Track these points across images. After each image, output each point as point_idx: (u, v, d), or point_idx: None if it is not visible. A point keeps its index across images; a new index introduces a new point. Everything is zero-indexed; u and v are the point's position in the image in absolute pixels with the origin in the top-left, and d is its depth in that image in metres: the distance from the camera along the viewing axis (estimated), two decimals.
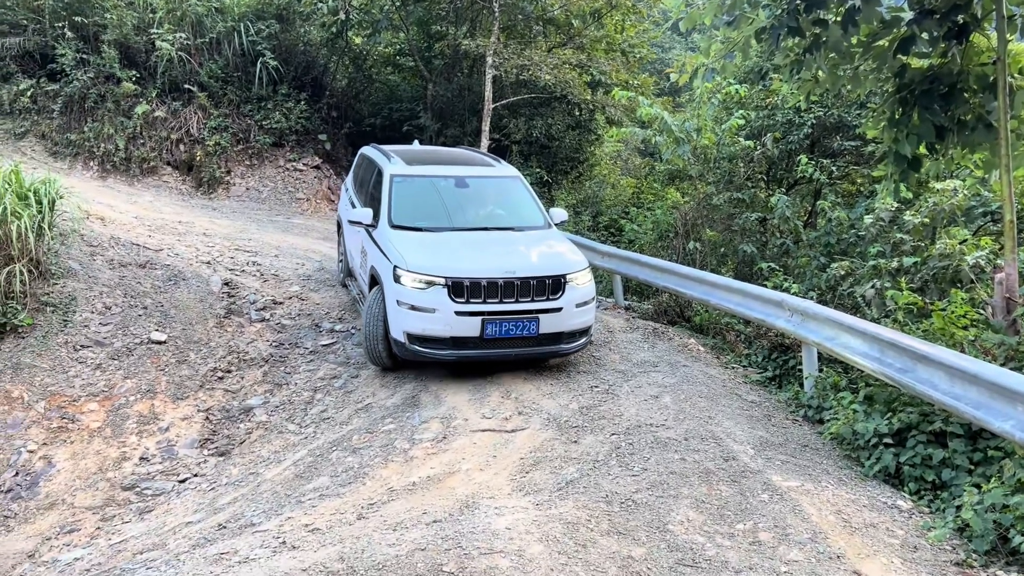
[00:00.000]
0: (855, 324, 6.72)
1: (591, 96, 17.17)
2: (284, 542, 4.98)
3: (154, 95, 16.39)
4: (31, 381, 8.19)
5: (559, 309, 7.72)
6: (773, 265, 9.77)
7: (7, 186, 8.93)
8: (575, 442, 6.34)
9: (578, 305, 7.85)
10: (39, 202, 9.16)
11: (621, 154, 22.33)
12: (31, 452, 7.53)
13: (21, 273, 8.70)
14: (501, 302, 7.59)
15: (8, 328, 8.60)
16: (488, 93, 16.04)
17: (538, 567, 4.22)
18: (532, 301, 7.65)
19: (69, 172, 15.16)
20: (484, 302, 7.56)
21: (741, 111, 12.22)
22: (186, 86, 16.53)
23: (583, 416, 6.88)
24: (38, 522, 6.76)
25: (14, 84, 16.22)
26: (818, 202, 11.40)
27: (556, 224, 9.03)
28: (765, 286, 8.73)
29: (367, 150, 10.80)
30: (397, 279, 7.75)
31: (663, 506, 4.97)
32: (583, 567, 4.25)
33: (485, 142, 15.96)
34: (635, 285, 12.12)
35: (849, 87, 8.48)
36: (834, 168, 12.10)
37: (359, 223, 8.89)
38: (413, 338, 7.69)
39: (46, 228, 9.22)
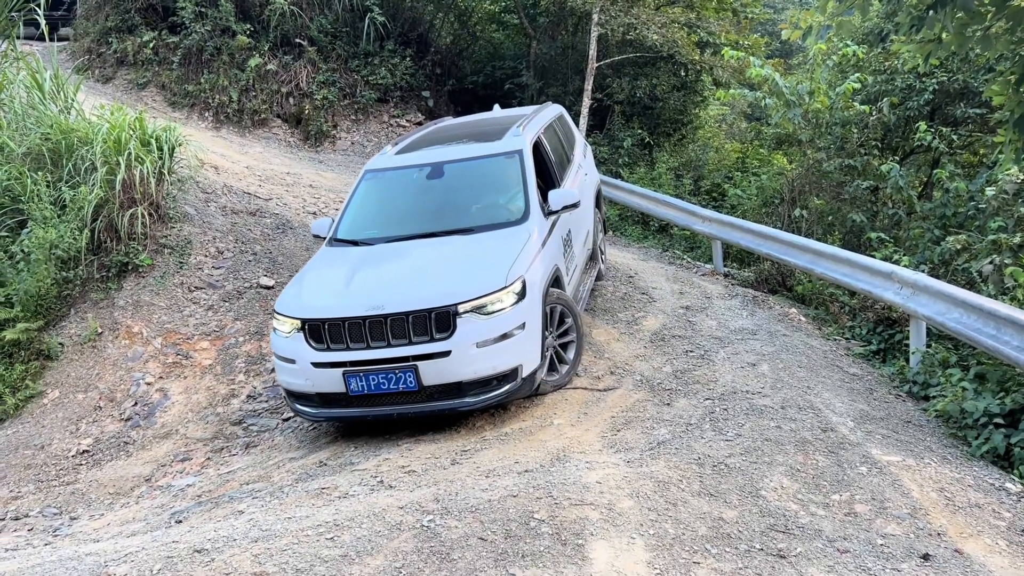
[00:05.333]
0: (970, 299, 6.42)
1: (699, 56, 16.72)
2: (381, 481, 5.18)
3: (266, 49, 16.86)
4: (149, 318, 8.68)
5: (446, 353, 5.80)
6: (883, 236, 9.39)
7: (131, 132, 9.39)
8: (667, 404, 6.32)
9: (482, 344, 5.85)
10: (160, 148, 9.61)
11: (726, 118, 21.74)
12: (148, 384, 8.02)
13: (143, 216, 9.17)
14: (368, 347, 5.89)
15: (130, 267, 9.12)
16: (592, 52, 15.81)
17: (628, 521, 4.26)
18: (409, 344, 5.84)
19: (186, 122, 15.81)
20: (347, 348, 5.95)
21: (857, 74, 11.67)
22: (297, 40, 16.92)
23: (677, 380, 6.84)
24: (154, 449, 7.21)
25: (138, 36, 16.99)
26: (935, 172, 10.85)
27: (557, 210, 7.10)
28: (873, 257, 8.42)
29: None
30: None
31: (756, 472, 4.92)
32: (673, 524, 4.27)
33: (587, 101, 15.79)
34: (736, 252, 11.87)
35: (978, 49, 7.97)
36: (955, 137, 11.46)
37: (318, 236, 7.59)
38: (290, 395, 6.41)
39: (166, 174, 9.68)
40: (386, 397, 5.97)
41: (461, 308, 5.84)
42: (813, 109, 11.53)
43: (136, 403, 7.82)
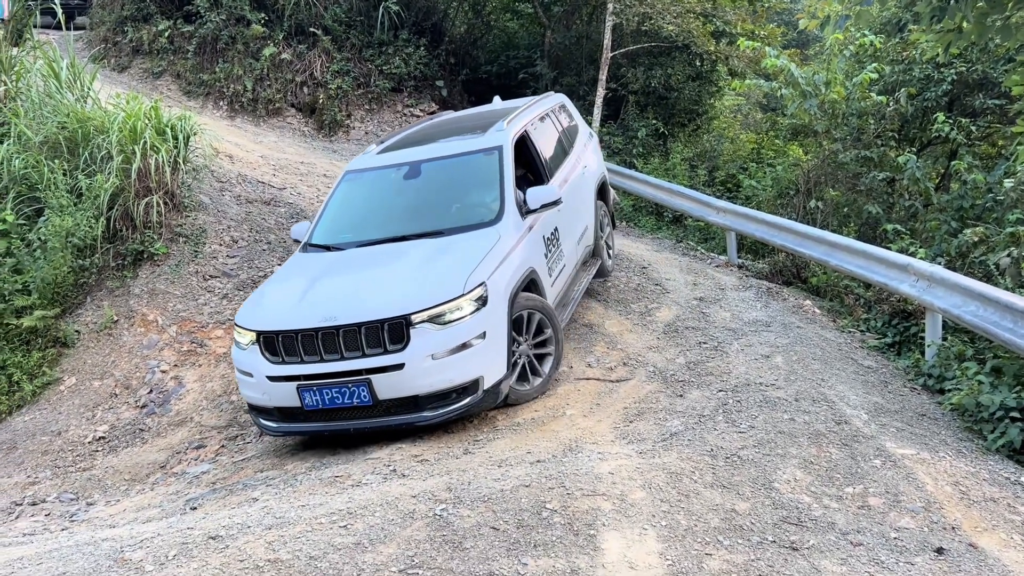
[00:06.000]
0: (988, 292, 6.37)
1: (714, 46, 16.62)
2: (394, 470, 5.20)
3: (281, 38, 16.86)
4: (164, 306, 8.74)
5: (400, 366, 5.55)
6: (899, 228, 9.32)
7: (147, 121, 9.43)
8: (680, 396, 6.31)
9: (438, 355, 5.59)
10: (175, 137, 9.65)
11: (741, 108, 21.61)
12: (164, 372, 8.07)
13: (158, 204, 9.22)
14: (322, 360, 5.69)
15: (145, 256, 9.18)
16: (607, 41, 15.75)
17: (640, 512, 4.26)
18: (363, 357, 5.62)
19: (201, 111, 15.85)
20: (302, 361, 5.76)
21: (874, 64, 11.57)
22: (311, 29, 16.92)
23: (690, 371, 6.83)
24: (169, 436, 7.27)
25: (153, 25, 17.04)
26: (953, 163, 10.75)
27: (535, 209, 6.76)
28: (889, 249, 8.36)
29: None
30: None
31: (769, 464, 4.91)
32: (685, 516, 4.27)
33: (601, 91, 15.73)
34: (750, 243, 11.81)
35: (998, 39, 7.88)
36: (973, 128, 11.34)
37: (296, 241, 7.42)
38: (252, 408, 6.26)
39: (181, 163, 9.72)
40: (342, 411, 5.75)
41: (415, 318, 5.59)
42: (829, 100, 11.45)
43: (151, 390, 7.88)
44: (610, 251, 9.40)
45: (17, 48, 10.34)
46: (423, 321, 5.60)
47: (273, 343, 5.83)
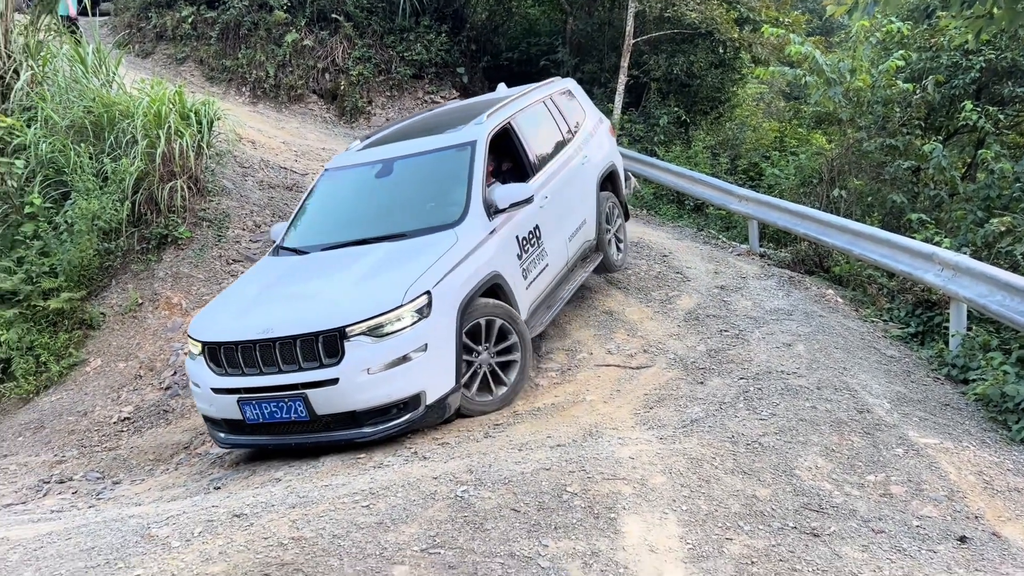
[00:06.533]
0: (1015, 281, 6.30)
1: (738, 34, 16.47)
2: (415, 452, 5.24)
3: (303, 24, 16.91)
4: (188, 289, 8.83)
5: (334, 381, 5.31)
6: (924, 217, 9.22)
7: (171, 106, 9.50)
8: (701, 383, 6.30)
9: (374, 370, 5.32)
10: (199, 122, 9.73)
11: (764, 97, 21.42)
12: (187, 354, 8.15)
13: (182, 189, 9.30)
14: (261, 373, 5.49)
15: (170, 240, 9.27)
16: (629, 28, 15.66)
17: (660, 497, 4.27)
18: (299, 371, 5.40)
19: (223, 96, 15.94)
20: (242, 374, 5.57)
21: (901, 51, 11.42)
22: (333, 16, 16.96)
23: (711, 359, 6.81)
24: (193, 418, 7.34)
25: (177, 11, 17.16)
26: (980, 152, 10.61)
27: (504, 209, 6.41)
28: (914, 238, 8.28)
29: None
30: None
31: (791, 451, 4.90)
32: (706, 501, 4.27)
33: (623, 78, 15.66)
34: (772, 232, 11.74)
35: None
36: (1001, 116, 11.18)
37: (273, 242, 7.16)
38: (205, 419, 6.10)
39: (204, 148, 9.79)
40: (282, 426, 5.55)
41: (349, 331, 5.32)
42: (854, 87, 11.32)
43: (175, 372, 7.96)
44: (620, 244, 8.83)
45: (43, 33, 10.43)
46: (359, 334, 5.33)
47: (216, 354, 5.66)
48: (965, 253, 7.82)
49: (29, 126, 9.33)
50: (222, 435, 5.89)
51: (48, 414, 7.74)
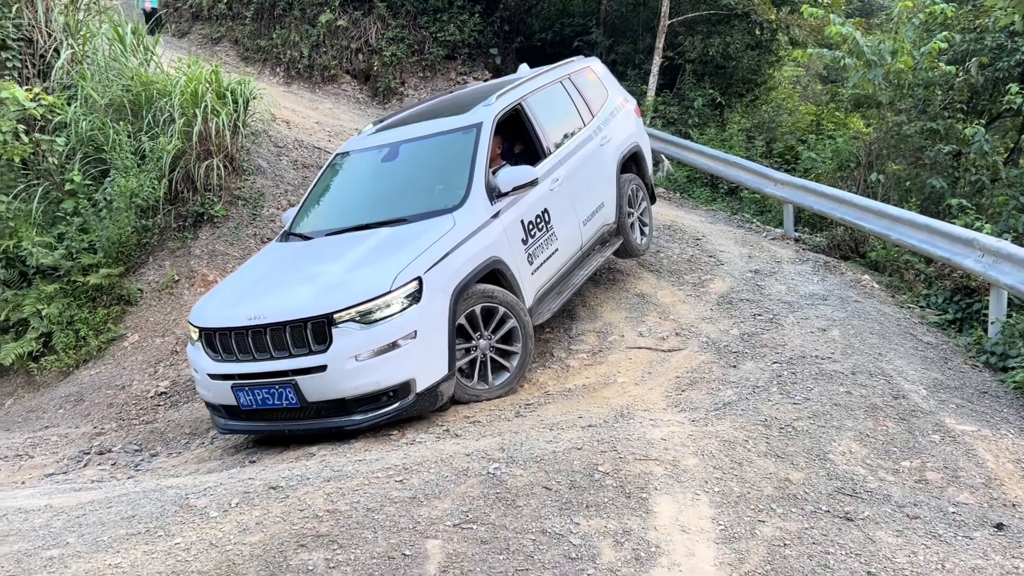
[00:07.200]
0: None
1: (775, 15, 16.22)
2: (447, 430, 5.28)
3: (337, 4, 16.94)
4: (223, 267, 8.93)
5: (322, 368, 5.27)
6: (964, 202, 9.05)
7: (208, 85, 9.58)
8: (734, 367, 6.27)
9: (362, 357, 5.25)
10: (235, 101, 9.79)
11: (800, 80, 21.11)
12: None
13: (218, 167, 9.39)
14: (253, 359, 5.49)
15: (206, 218, 9.38)
16: (664, 9, 15.49)
17: (692, 478, 4.27)
18: (289, 357, 5.37)
19: (258, 76, 16.02)
20: (237, 360, 5.58)
21: (944, 33, 11.17)
22: None
23: (744, 342, 6.77)
24: None
25: None
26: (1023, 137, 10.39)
27: (507, 192, 6.31)
28: (954, 224, 8.14)
29: None
30: None
31: (824, 435, 4.86)
32: (738, 483, 4.26)
33: (657, 60, 15.52)
34: (807, 216, 11.60)
35: None
36: None
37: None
38: (206, 404, 6.13)
39: (240, 127, 9.87)
40: (275, 412, 5.53)
41: (337, 317, 5.25)
42: (895, 70, 11.11)
43: None
44: (645, 228, 8.54)
45: (83, 12, 10.55)
46: (347, 320, 5.26)
47: (212, 340, 5.68)
48: (1007, 239, 7.68)
49: (69, 104, 9.47)
50: (221, 421, 5.90)
51: (87, 387, 7.90)
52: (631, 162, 8.47)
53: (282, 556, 3.48)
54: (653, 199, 9.06)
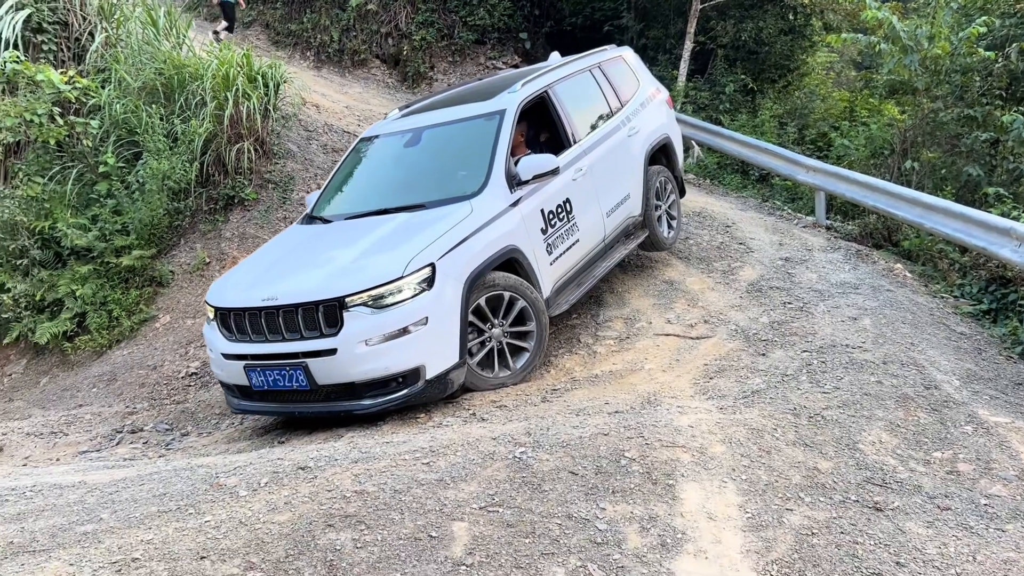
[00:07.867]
0: None
1: None
2: (474, 414, 5.30)
3: None
4: (253, 250, 8.97)
5: (332, 351, 5.25)
6: (1001, 191, 8.87)
7: (239, 69, 9.64)
8: (763, 355, 6.21)
9: (372, 342, 5.22)
10: (265, 85, 9.86)
11: (834, 66, 20.79)
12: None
13: (248, 151, 9.46)
14: (266, 340, 5.50)
15: (236, 200, 9.46)
16: None
17: (720, 466, 4.25)
18: (301, 340, 5.38)
19: (288, 61, 16.11)
20: (250, 341, 5.60)
21: (984, 17, 10.92)
22: None
23: (773, 331, 6.70)
24: None
25: None
26: None
27: (527, 180, 6.22)
28: (990, 212, 7.99)
29: None
30: None
31: (854, 425, 4.81)
32: (766, 471, 4.23)
33: (689, 45, 15.35)
34: (839, 204, 11.44)
35: None
36: None
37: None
38: (221, 383, 6.16)
39: (271, 110, 9.93)
40: (286, 394, 5.55)
41: (349, 301, 5.24)
42: (932, 55, 10.88)
43: None
44: (673, 221, 8.42)
45: None
46: (358, 304, 5.24)
47: (227, 320, 5.71)
48: None
49: (103, 87, 9.58)
50: (235, 400, 5.93)
51: (120, 367, 8.03)
52: (660, 154, 8.37)
53: (310, 535, 3.52)
54: (683, 192, 8.93)
